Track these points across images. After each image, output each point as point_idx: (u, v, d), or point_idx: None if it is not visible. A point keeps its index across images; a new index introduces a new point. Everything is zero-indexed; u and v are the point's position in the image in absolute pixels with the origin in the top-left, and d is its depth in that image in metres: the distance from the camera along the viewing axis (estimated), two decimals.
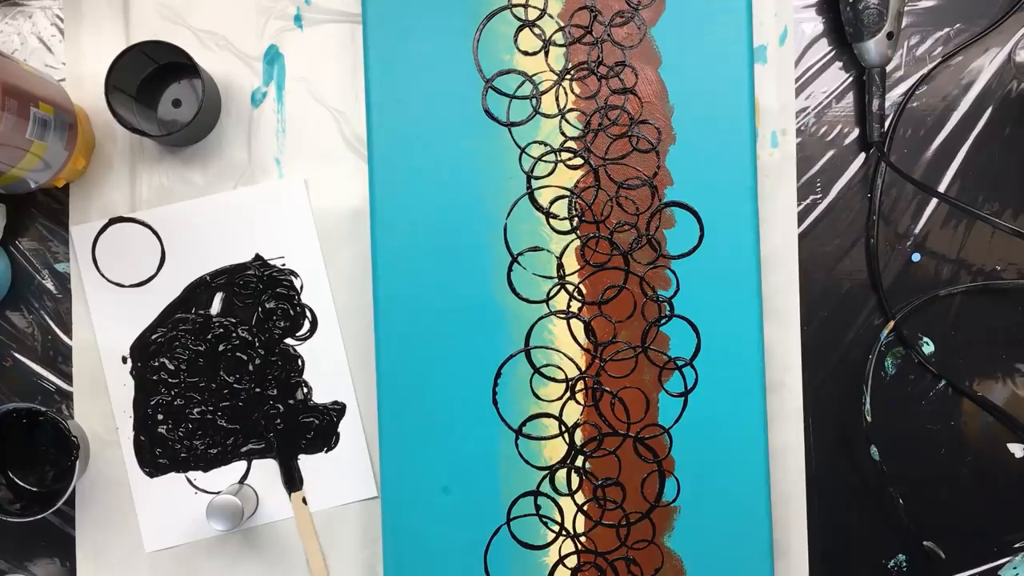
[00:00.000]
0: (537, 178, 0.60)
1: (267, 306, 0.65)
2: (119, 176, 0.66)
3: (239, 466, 0.65)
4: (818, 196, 0.66)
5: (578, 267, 0.59)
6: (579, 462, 0.60)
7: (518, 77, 0.60)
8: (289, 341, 0.65)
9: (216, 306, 0.65)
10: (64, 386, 0.66)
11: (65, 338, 0.66)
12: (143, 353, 0.65)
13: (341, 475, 0.65)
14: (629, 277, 0.59)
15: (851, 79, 0.67)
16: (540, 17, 0.60)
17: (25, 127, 0.57)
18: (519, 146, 0.60)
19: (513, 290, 0.60)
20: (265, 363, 0.65)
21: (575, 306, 0.59)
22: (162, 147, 0.66)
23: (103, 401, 0.65)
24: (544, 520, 0.60)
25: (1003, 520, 0.66)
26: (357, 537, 0.65)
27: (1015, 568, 0.66)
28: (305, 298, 0.65)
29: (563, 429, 0.60)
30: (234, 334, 0.65)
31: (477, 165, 0.60)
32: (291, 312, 0.65)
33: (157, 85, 0.65)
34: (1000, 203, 0.66)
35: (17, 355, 0.66)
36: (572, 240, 0.59)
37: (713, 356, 0.59)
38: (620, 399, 0.59)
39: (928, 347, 0.66)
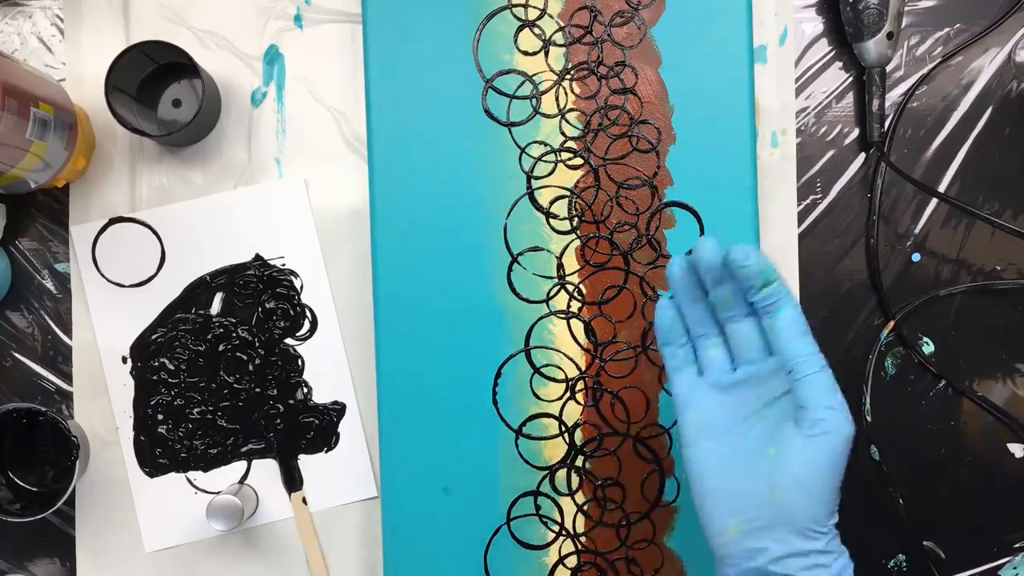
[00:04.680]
0: (537, 178, 0.60)
1: (267, 306, 0.65)
2: (119, 176, 0.66)
3: (239, 466, 0.65)
4: (818, 196, 0.66)
5: (578, 267, 0.59)
6: (579, 462, 0.60)
7: (518, 77, 0.60)
8: (289, 341, 0.65)
9: (216, 306, 0.65)
10: (64, 386, 0.66)
11: (65, 338, 0.66)
12: (143, 353, 0.65)
13: (341, 475, 0.65)
14: (629, 277, 0.59)
15: (851, 79, 0.67)
16: (540, 17, 0.60)
17: (25, 127, 0.57)
18: (519, 146, 0.60)
19: (513, 290, 0.60)
20: (265, 363, 0.65)
21: (575, 306, 0.59)
22: (162, 147, 0.66)
23: (103, 401, 0.65)
24: (544, 520, 0.60)
25: (1003, 520, 0.66)
26: (357, 537, 0.65)
27: (1015, 568, 0.66)
28: (305, 298, 0.65)
29: (563, 429, 0.60)
30: (234, 334, 0.65)
31: (477, 165, 0.60)
32: (291, 312, 0.65)
33: (157, 85, 0.65)
34: (1000, 203, 0.66)
35: (17, 355, 0.66)
36: (572, 240, 0.59)
37: None
38: (620, 399, 0.59)
39: (928, 347, 0.66)
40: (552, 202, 0.60)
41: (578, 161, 0.60)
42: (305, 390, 0.65)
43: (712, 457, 0.48)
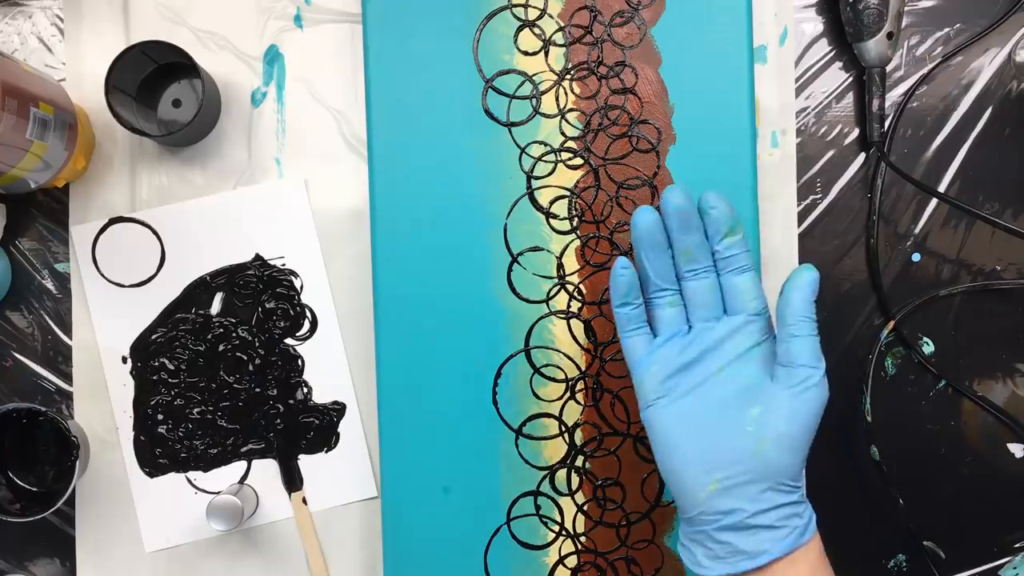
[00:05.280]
0: (537, 178, 0.60)
1: (267, 306, 0.65)
2: (119, 176, 0.66)
3: (239, 466, 0.65)
4: (818, 196, 0.66)
5: (578, 267, 0.59)
6: (579, 462, 0.60)
7: (518, 77, 0.60)
8: (289, 341, 0.65)
9: (216, 306, 0.65)
10: (64, 386, 0.66)
11: (65, 338, 0.66)
12: (143, 353, 0.65)
13: (341, 475, 0.65)
14: None
15: (851, 79, 0.67)
16: (540, 17, 0.60)
17: (25, 127, 0.57)
18: (519, 146, 0.60)
19: (513, 290, 0.60)
20: (265, 363, 0.65)
21: (575, 306, 0.59)
22: (162, 147, 0.66)
23: (103, 401, 0.65)
24: (544, 520, 0.60)
25: (1003, 520, 0.66)
26: (357, 537, 0.65)
27: (1015, 568, 0.66)
28: (305, 298, 0.65)
29: (563, 429, 0.60)
30: (234, 334, 0.65)
31: (477, 165, 0.60)
32: (291, 312, 0.65)
33: (157, 85, 0.65)
34: (1000, 203, 0.66)
35: (17, 355, 0.66)
36: (572, 240, 0.59)
37: None
38: (620, 399, 0.59)
39: (928, 347, 0.66)
40: (552, 202, 0.60)
41: (578, 161, 0.60)
42: (305, 390, 0.65)
43: (679, 416, 0.49)
